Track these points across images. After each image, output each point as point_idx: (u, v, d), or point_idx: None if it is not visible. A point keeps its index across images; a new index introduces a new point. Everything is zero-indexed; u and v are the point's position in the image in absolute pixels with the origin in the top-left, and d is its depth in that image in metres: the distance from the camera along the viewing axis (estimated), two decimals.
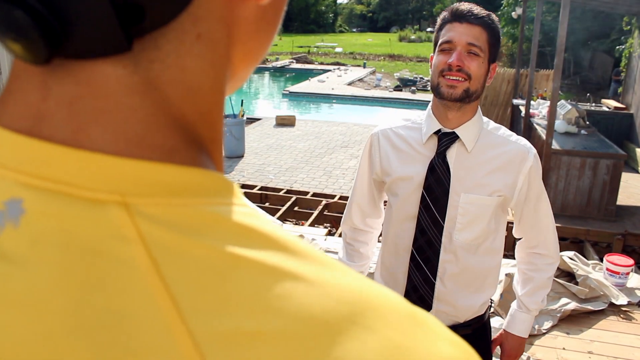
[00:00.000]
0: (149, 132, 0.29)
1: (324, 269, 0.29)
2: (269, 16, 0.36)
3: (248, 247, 0.28)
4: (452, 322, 1.74)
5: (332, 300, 0.28)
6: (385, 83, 22.18)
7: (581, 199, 6.73)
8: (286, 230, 0.31)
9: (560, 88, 6.89)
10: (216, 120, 0.34)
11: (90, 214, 0.27)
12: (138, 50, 0.29)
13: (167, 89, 0.30)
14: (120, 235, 0.26)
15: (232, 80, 0.37)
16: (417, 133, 1.71)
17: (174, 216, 0.28)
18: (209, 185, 0.31)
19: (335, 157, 9.80)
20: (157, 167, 0.29)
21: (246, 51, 0.36)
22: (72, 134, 0.28)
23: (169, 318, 0.25)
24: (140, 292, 0.25)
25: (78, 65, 0.29)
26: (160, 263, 0.26)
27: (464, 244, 1.66)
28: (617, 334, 3.68)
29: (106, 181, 0.27)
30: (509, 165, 1.65)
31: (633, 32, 11.94)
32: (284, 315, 0.26)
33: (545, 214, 1.76)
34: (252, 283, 0.27)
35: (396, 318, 0.29)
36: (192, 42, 0.30)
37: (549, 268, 1.80)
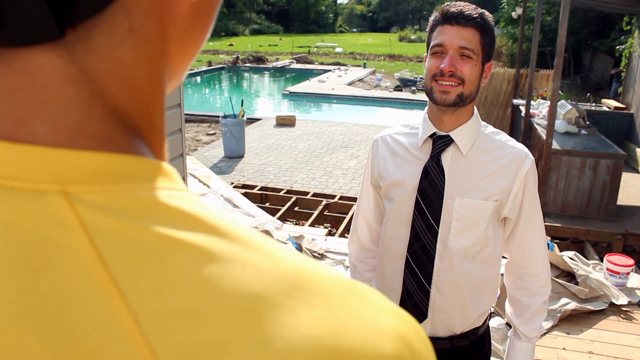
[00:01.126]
0: (86, 122, 0.30)
1: (261, 250, 0.30)
2: (202, 13, 0.36)
3: (185, 230, 0.29)
4: (449, 332, 1.70)
5: (269, 277, 0.29)
6: (385, 83, 22.17)
7: (581, 198, 6.74)
8: (223, 213, 0.32)
9: (560, 88, 6.89)
10: (154, 112, 0.35)
11: (32, 205, 0.27)
12: (72, 41, 0.30)
13: (103, 79, 0.31)
14: (62, 223, 0.27)
15: (173, 76, 0.38)
16: (414, 138, 1.69)
17: (112, 202, 0.29)
18: (146, 171, 0.31)
19: (335, 157, 9.80)
20: (95, 156, 0.30)
21: (183, 47, 0.37)
22: (12, 127, 0.29)
23: (111, 300, 0.26)
24: (82, 276, 0.26)
25: (15, 56, 0.29)
26: (101, 248, 0.27)
27: (459, 250, 1.62)
28: (618, 334, 3.68)
29: (46, 172, 0.28)
30: (506, 170, 1.61)
31: (633, 32, 11.94)
32: (221, 292, 0.27)
33: (537, 228, 1.70)
34: (189, 264, 0.28)
35: (335, 291, 0.30)
36: (125, 35, 0.31)
37: (542, 291, 1.73)
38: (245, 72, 28.26)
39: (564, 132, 7.55)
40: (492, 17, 1.62)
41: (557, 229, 5.95)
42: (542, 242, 1.72)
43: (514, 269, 1.76)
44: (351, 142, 10.97)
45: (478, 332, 1.74)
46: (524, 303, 1.75)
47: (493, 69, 12.25)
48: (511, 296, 1.80)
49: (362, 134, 11.68)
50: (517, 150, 1.64)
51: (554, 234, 5.83)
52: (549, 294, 1.75)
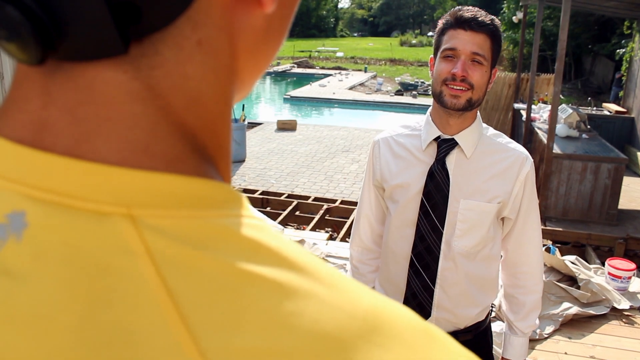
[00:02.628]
0: (152, 141, 0.29)
1: (336, 286, 0.29)
2: (275, 26, 0.35)
3: (258, 263, 0.27)
4: (453, 328, 1.73)
5: (345, 317, 0.27)
6: (386, 87, 22.20)
7: (583, 203, 6.73)
8: (295, 244, 0.31)
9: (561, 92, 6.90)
10: (221, 129, 0.33)
11: (95, 227, 0.26)
12: (138, 56, 0.29)
13: (169, 96, 0.30)
14: (127, 249, 0.26)
15: (239, 89, 0.36)
16: (416, 140, 1.71)
17: (181, 229, 0.27)
18: (216, 196, 0.30)
19: (336, 162, 9.80)
20: (162, 178, 0.28)
21: (253, 60, 0.35)
22: (75, 143, 0.28)
23: (179, 336, 0.24)
24: (148, 308, 0.25)
25: (78, 71, 0.28)
26: (168, 278, 0.25)
27: (462, 250, 1.65)
28: (619, 339, 3.67)
29: (110, 192, 0.27)
30: (507, 172, 1.64)
31: (634, 36, 11.94)
32: (296, 332, 0.25)
33: (533, 227, 1.73)
34: (263, 300, 0.26)
35: (410, 335, 0.29)
36: (193, 49, 0.30)
37: (537, 289, 1.78)
38: None
39: (565, 136, 7.54)
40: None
41: (558, 233, 5.94)
42: (537, 242, 1.76)
43: (509, 267, 1.80)
44: (352, 147, 10.98)
45: (481, 327, 1.79)
46: (520, 300, 1.79)
47: None
48: (507, 293, 1.84)
49: (363, 139, 11.68)
50: (518, 153, 1.67)
51: (555, 238, 5.82)
52: (541, 291, 1.80)
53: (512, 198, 1.65)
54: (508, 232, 1.74)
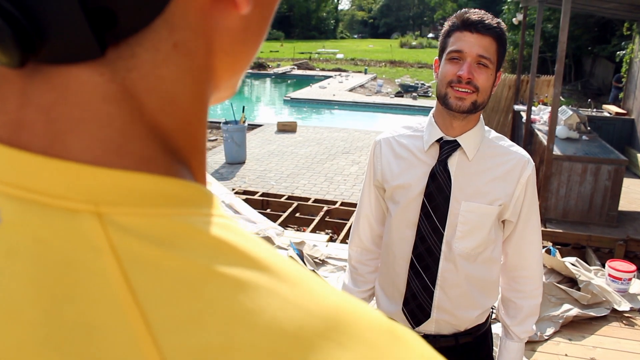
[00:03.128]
0: (125, 141, 0.29)
1: (299, 285, 0.29)
2: (252, 27, 0.35)
3: (221, 261, 0.28)
4: (453, 330, 1.73)
5: (306, 315, 0.27)
6: (386, 89, 22.20)
7: (583, 204, 6.73)
8: (261, 242, 0.31)
9: (561, 94, 6.90)
10: (196, 131, 0.34)
11: (64, 224, 0.27)
12: (114, 58, 0.29)
13: (144, 97, 0.30)
14: (92, 246, 0.26)
15: (217, 90, 0.37)
16: (418, 141, 1.71)
17: (147, 226, 0.28)
18: (185, 196, 0.30)
19: (336, 163, 9.80)
20: (132, 176, 0.29)
21: (231, 61, 0.36)
22: (50, 142, 0.28)
23: (137, 332, 0.25)
24: (109, 304, 0.25)
25: (55, 72, 0.29)
26: (131, 275, 0.26)
27: (463, 252, 1.65)
28: (620, 340, 3.67)
29: (81, 190, 0.27)
30: (509, 175, 1.64)
31: (634, 38, 11.95)
32: (254, 329, 0.26)
33: (534, 231, 1.73)
34: (223, 297, 0.26)
35: (372, 334, 0.29)
36: (169, 51, 0.30)
37: (535, 294, 1.77)
38: (247, 78, 28.29)
39: (565, 137, 7.55)
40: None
41: (558, 234, 5.94)
42: (537, 246, 1.75)
43: (508, 270, 1.79)
44: (352, 148, 10.98)
45: (481, 329, 1.79)
46: (517, 305, 1.78)
47: None
48: (505, 297, 1.83)
49: (363, 140, 11.68)
50: (520, 156, 1.67)
51: (555, 239, 5.82)
52: (541, 297, 1.79)
53: (513, 201, 1.65)
54: (508, 235, 1.74)
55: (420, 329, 1.74)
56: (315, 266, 4.62)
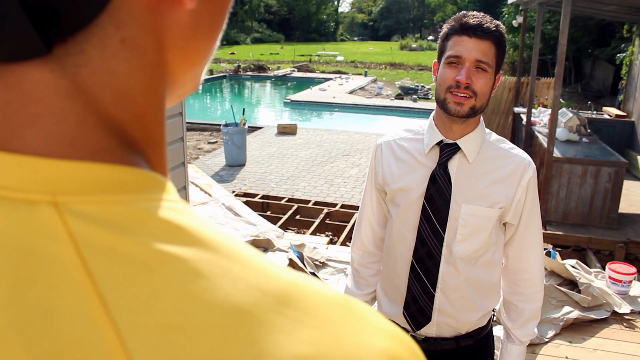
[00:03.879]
0: (80, 134, 0.30)
1: (250, 264, 0.30)
2: (203, 22, 0.36)
3: (174, 244, 0.29)
4: (454, 333, 1.73)
5: (258, 292, 0.28)
6: (386, 91, 22.20)
7: (583, 206, 6.73)
8: (214, 225, 0.32)
9: (561, 96, 6.90)
10: (151, 122, 0.34)
11: (22, 214, 0.28)
12: (63, 55, 0.30)
13: (96, 91, 0.31)
14: (50, 234, 0.27)
15: (175, 84, 0.37)
16: (419, 144, 1.71)
17: (103, 213, 0.29)
18: (139, 183, 0.31)
19: (336, 166, 9.81)
20: (87, 166, 0.30)
21: (184, 56, 0.36)
22: (7, 138, 0.29)
23: (95, 313, 0.26)
24: (68, 288, 0.26)
25: (8, 71, 0.30)
26: (88, 259, 0.27)
27: (464, 255, 1.65)
28: (620, 343, 3.66)
29: (38, 182, 0.28)
30: (510, 178, 1.64)
31: (634, 40, 11.96)
32: (208, 307, 0.27)
33: (535, 234, 1.72)
34: (176, 277, 0.27)
35: (326, 309, 0.30)
36: (117, 47, 0.31)
37: (536, 297, 1.76)
38: (247, 81, 28.33)
39: (565, 140, 7.55)
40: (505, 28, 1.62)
41: (558, 237, 5.94)
42: (538, 249, 1.75)
43: (509, 273, 1.79)
44: (352, 151, 10.98)
45: (483, 332, 1.78)
46: (519, 308, 1.78)
47: None
48: (506, 300, 1.83)
49: (363, 143, 11.68)
50: (520, 159, 1.67)
51: (555, 242, 5.82)
52: (542, 300, 1.79)
53: (514, 204, 1.65)
54: (509, 238, 1.73)
55: (421, 332, 1.73)
56: (316, 268, 4.61)
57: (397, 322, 1.78)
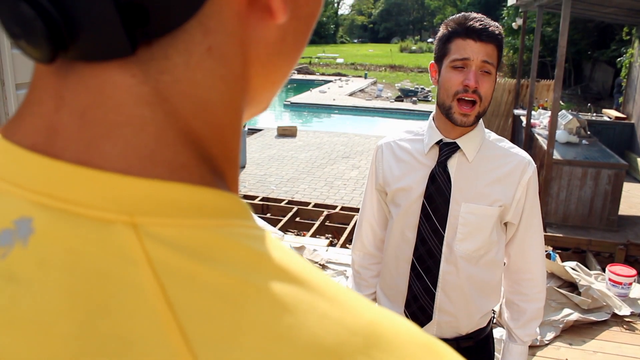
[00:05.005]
0: (159, 147, 0.29)
1: (337, 300, 0.28)
2: (289, 39, 0.35)
3: (259, 276, 0.27)
4: (455, 333, 1.73)
5: (345, 332, 0.27)
6: (386, 94, 22.21)
7: (583, 209, 6.73)
8: (297, 256, 0.31)
9: (561, 98, 6.91)
10: (230, 139, 0.33)
11: (98, 235, 0.26)
12: (147, 59, 0.29)
13: (177, 102, 0.29)
14: (127, 257, 0.26)
15: (252, 102, 0.36)
16: (419, 144, 1.72)
17: (183, 238, 0.27)
18: (221, 206, 0.30)
19: (336, 168, 9.81)
20: (167, 186, 0.28)
21: (266, 73, 0.35)
22: (84, 149, 0.28)
23: (176, 346, 0.24)
24: (146, 317, 0.24)
25: (88, 73, 0.29)
26: (168, 288, 0.25)
27: (464, 254, 1.65)
28: (620, 345, 3.66)
29: (115, 200, 0.27)
30: (509, 177, 1.64)
31: (633, 42, 11.97)
32: (294, 345, 0.25)
33: (536, 233, 1.72)
34: (262, 313, 0.26)
35: (411, 350, 0.28)
36: (203, 55, 0.30)
37: (539, 297, 1.76)
38: None
39: (565, 142, 7.55)
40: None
41: (558, 239, 5.94)
42: (539, 248, 1.75)
43: (511, 273, 1.79)
44: (352, 153, 10.98)
45: (483, 334, 1.78)
46: (521, 308, 1.78)
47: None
48: (508, 300, 1.83)
49: (363, 145, 11.69)
50: (520, 158, 1.67)
51: (555, 244, 5.82)
52: (544, 300, 1.78)
53: (514, 203, 1.65)
54: (511, 237, 1.73)
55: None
56: None
57: None
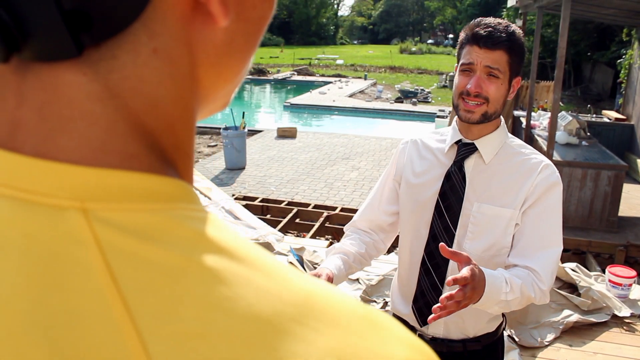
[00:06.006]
0: (110, 139, 0.31)
1: (273, 274, 0.31)
2: (239, 41, 0.37)
3: (199, 253, 0.29)
4: (462, 335, 1.73)
5: (280, 302, 0.29)
6: (386, 95, 22.21)
7: (583, 210, 6.72)
8: (237, 234, 0.33)
9: (560, 99, 6.91)
10: (180, 134, 0.35)
11: (52, 220, 0.29)
12: (96, 59, 0.31)
13: (127, 97, 0.32)
14: (77, 240, 0.28)
15: (207, 99, 0.39)
16: (442, 143, 1.77)
17: (130, 220, 0.29)
18: (167, 191, 0.32)
19: (336, 169, 9.80)
20: (116, 174, 0.30)
21: (217, 73, 0.37)
22: (42, 142, 0.30)
23: (119, 318, 0.26)
24: (92, 293, 0.27)
25: (45, 72, 0.31)
26: (114, 266, 0.28)
27: (473, 254, 1.64)
28: (620, 346, 3.66)
29: (68, 189, 0.29)
30: (525, 180, 1.63)
31: (633, 44, 11.97)
32: (230, 315, 0.27)
33: (550, 240, 1.65)
34: (201, 286, 0.28)
35: (347, 319, 0.30)
36: (149, 55, 0.32)
37: (537, 290, 1.59)
38: (247, 84, 28.32)
39: (564, 143, 7.55)
40: (521, 31, 1.61)
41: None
42: (548, 250, 1.65)
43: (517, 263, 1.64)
44: (352, 154, 10.98)
45: (491, 339, 1.77)
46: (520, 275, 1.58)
47: None
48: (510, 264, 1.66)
49: (363, 146, 11.69)
50: (538, 162, 1.66)
51: None
52: (537, 300, 1.62)
53: (524, 206, 1.63)
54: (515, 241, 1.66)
55: (429, 331, 1.75)
56: None
57: (406, 320, 1.81)
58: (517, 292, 1.54)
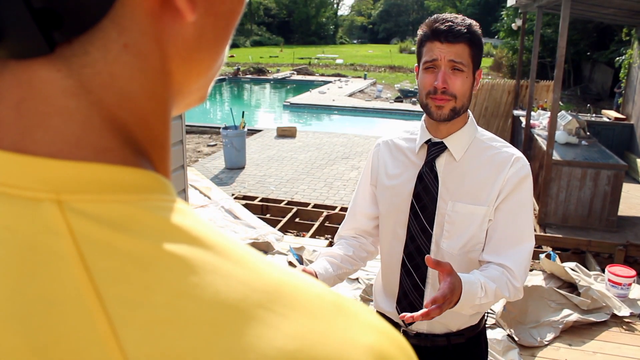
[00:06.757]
0: (85, 133, 0.32)
1: (242, 262, 0.31)
2: (209, 35, 0.37)
3: (170, 242, 0.30)
4: (445, 330, 1.75)
5: (248, 289, 0.30)
6: (385, 94, 22.21)
7: (582, 209, 6.73)
8: (209, 224, 0.34)
9: (560, 99, 6.92)
10: (154, 127, 0.36)
11: (28, 212, 0.30)
12: (69, 56, 0.32)
13: (100, 92, 0.33)
14: (52, 230, 0.29)
15: (182, 93, 0.39)
16: (413, 143, 1.76)
17: (103, 211, 0.30)
18: (141, 183, 0.33)
19: (336, 169, 9.80)
20: (90, 167, 0.31)
21: (189, 66, 0.38)
22: (20, 137, 0.31)
23: (91, 306, 0.27)
24: (66, 282, 0.28)
25: (20, 69, 0.32)
26: (87, 255, 0.29)
27: (451, 252, 1.66)
28: (620, 346, 3.66)
29: (44, 181, 0.30)
30: (497, 175, 1.63)
31: (632, 43, 11.98)
32: (198, 301, 0.28)
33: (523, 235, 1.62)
34: (170, 274, 0.29)
35: (315, 305, 0.31)
36: (120, 51, 0.33)
37: (511, 288, 1.58)
38: (246, 84, 28.34)
39: (564, 142, 7.55)
40: (479, 25, 1.63)
41: (558, 239, 5.94)
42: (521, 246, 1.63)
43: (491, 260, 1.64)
44: (352, 154, 10.98)
45: (474, 331, 1.79)
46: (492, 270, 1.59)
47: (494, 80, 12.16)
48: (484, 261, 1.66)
49: (362, 145, 11.69)
50: (508, 155, 1.66)
51: (555, 244, 5.82)
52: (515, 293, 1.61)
53: (497, 200, 1.62)
54: (490, 235, 1.65)
55: (412, 328, 1.76)
56: None
57: (392, 318, 1.82)
58: (491, 297, 1.55)
